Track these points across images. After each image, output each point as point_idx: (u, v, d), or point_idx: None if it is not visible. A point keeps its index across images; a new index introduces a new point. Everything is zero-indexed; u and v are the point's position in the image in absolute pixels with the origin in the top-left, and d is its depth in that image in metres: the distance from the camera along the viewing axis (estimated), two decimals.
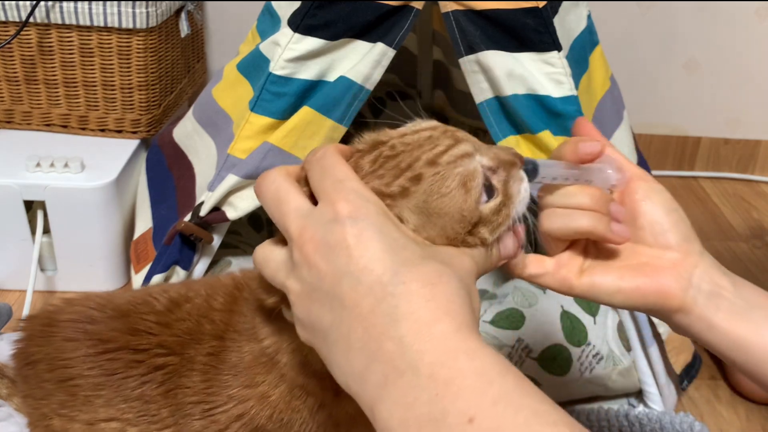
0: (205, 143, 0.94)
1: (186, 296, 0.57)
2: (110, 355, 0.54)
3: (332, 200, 0.43)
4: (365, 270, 0.40)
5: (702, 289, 0.51)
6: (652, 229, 0.53)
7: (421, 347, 0.38)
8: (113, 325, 0.55)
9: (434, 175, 0.45)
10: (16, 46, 1.08)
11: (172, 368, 0.53)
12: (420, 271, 0.41)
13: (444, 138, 0.47)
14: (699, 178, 1.56)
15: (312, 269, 0.42)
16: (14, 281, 1.06)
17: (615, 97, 0.96)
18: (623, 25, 1.44)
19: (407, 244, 0.43)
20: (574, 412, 0.86)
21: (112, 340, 0.54)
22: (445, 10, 0.79)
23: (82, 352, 0.54)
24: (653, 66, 1.48)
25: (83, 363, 0.54)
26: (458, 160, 0.46)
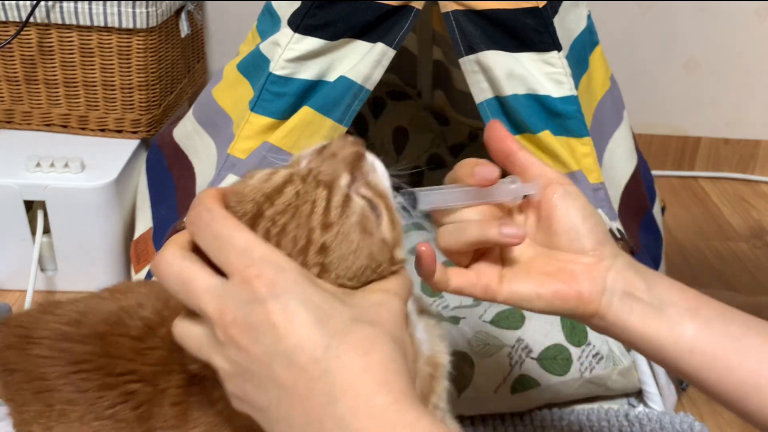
0: (205, 143, 0.94)
1: (161, 316, 0.55)
2: (84, 374, 0.53)
3: (245, 277, 0.41)
4: (296, 349, 0.40)
5: (616, 292, 0.52)
6: (568, 235, 0.53)
7: (360, 425, 0.38)
8: (87, 348, 0.54)
9: (336, 237, 0.44)
10: (17, 46, 1.08)
11: (145, 396, 0.52)
12: (352, 340, 0.40)
13: (312, 189, 0.45)
14: (699, 178, 1.56)
15: (241, 351, 0.41)
16: (14, 281, 1.06)
17: (615, 97, 0.96)
18: (623, 25, 1.44)
19: (333, 309, 0.41)
20: (574, 412, 0.86)
21: (86, 361, 0.53)
22: (445, 10, 0.79)
23: (56, 370, 0.54)
24: (653, 66, 1.48)
25: (58, 379, 0.53)
26: (345, 209, 0.44)
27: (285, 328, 0.40)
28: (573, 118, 0.80)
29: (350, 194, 0.45)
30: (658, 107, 1.52)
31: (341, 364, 0.39)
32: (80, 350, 0.54)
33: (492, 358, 0.83)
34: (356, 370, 0.39)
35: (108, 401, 0.52)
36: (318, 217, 0.44)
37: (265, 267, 0.41)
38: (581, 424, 0.84)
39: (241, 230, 0.43)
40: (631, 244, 0.81)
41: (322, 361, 0.39)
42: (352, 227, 0.44)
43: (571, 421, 0.85)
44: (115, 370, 0.53)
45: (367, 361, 0.40)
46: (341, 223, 0.44)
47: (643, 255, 0.86)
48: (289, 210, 0.44)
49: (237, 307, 0.41)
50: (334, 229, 0.44)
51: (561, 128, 0.80)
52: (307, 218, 0.44)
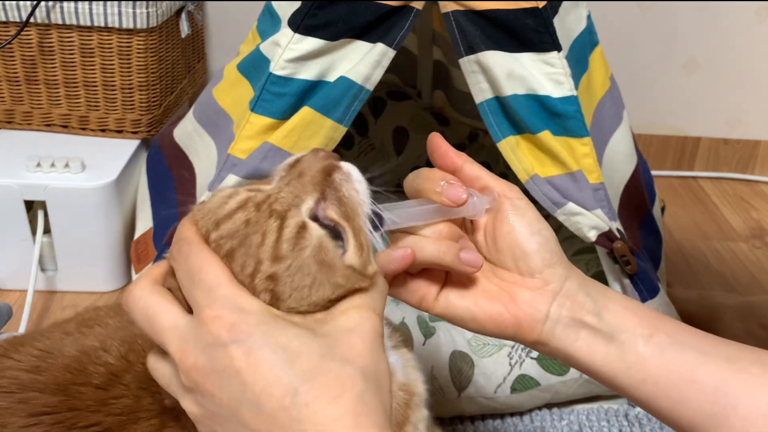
0: (206, 143, 0.94)
1: (127, 362, 0.53)
2: (45, 427, 0.51)
3: (207, 318, 0.39)
4: (263, 395, 0.38)
5: (561, 319, 0.49)
6: (513, 253, 0.50)
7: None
8: (48, 399, 0.52)
9: (288, 270, 0.42)
10: (17, 46, 1.08)
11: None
12: (321, 384, 0.39)
13: (264, 219, 0.43)
14: (699, 178, 1.56)
15: (206, 396, 0.40)
16: (14, 281, 1.06)
17: (615, 98, 0.96)
18: (623, 25, 1.44)
19: (302, 346, 0.40)
20: (574, 412, 0.86)
21: (47, 414, 0.51)
22: (445, 10, 0.79)
23: (15, 421, 0.51)
24: (653, 66, 1.48)
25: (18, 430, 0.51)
26: (297, 242, 0.42)
27: (250, 375, 0.38)
28: (573, 119, 0.80)
29: (307, 224, 0.43)
30: (658, 107, 1.52)
31: (311, 412, 0.38)
32: (41, 401, 0.51)
33: (492, 358, 0.83)
34: (327, 419, 0.38)
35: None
36: (268, 249, 0.42)
37: (224, 308, 0.40)
38: (581, 424, 0.85)
39: (211, 265, 0.41)
40: (631, 244, 0.81)
41: (292, 409, 0.38)
42: (306, 261, 0.42)
43: (571, 421, 0.85)
44: (78, 423, 0.51)
45: (338, 407, 0.38)
46: (293, 257, 0.42)
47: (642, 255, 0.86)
48: (237, 236, 0.43)
49: (198, 350, 0.40)
50: (286, 262, 0.42)
51: (561, 128, 0.80)
52: (257, 249, 0.42)
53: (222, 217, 0.44)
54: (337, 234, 0.44)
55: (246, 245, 0.42)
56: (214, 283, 0.41)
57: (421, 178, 0.52)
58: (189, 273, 0.42)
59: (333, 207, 0.45)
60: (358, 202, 0.46)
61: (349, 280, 0.43)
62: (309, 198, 0.44)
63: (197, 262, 0.42)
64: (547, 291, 0.50)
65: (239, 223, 0.43)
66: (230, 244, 0.43)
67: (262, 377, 0.38)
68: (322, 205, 0.45)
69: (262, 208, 0.43)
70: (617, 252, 0.79)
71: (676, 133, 1.55)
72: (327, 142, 0.83)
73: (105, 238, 1.05)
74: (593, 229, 0.80)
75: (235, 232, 0.43)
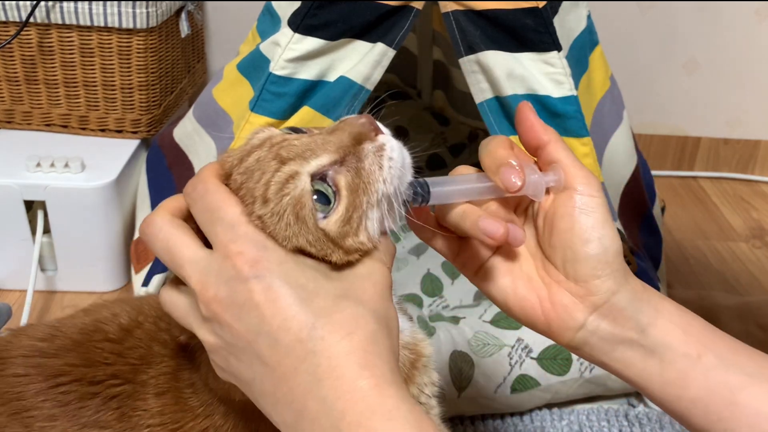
0: (206, 143, 0.94)
1: (137, 321, 0.55)
2: (64, 388, 0.52)
3: (229, 253, 0.41)
4: (281, 329, 0.40)
5: (598, 332, 0.47)
6: (563, 254, 0.47)
7: (342, 406, 0.39)
8: (66, 358, 0.53)
9: (271, 214, 0.42)
10: (17, 46, 1.08)
11: (126, 394, 0.52)
12: (336, 320, 0.40)
13: (268, 160, 0.44)
14: (699, 178, 1.56)
15: (224, 327, 0.41)
16: (14, 281, 1.06)
17: (615, 97, 0.96)
18: (623, 25, 1.44)
19: (318, 288, 0.41)
20: (574, 412, 0.86)
21: (65, 374, 0.53)
22: (445, 10, 0.79)
23: (34, 387, 0.53)
24: (653, 66, 1.48)
25: (36, 396, 0.52)
26: (282, 188, 0.43)
27: (269, 309, 0.40)
28: (573, 118, 0.80)
29: (298, 174, 0.43)
30: (658, 107, 1.52)
31: (325, 345, 0.40)
32: (57, 363, 0.53)
33: (492, 358, 0.83)
34: (340, 352, 0.40)
35: (91, 410, 0.51)
36: (260, 189, 0.43)
37: (248, 244, 0.41)
38: (581, 424, 0.84)
39: (230, 204, 0.43)
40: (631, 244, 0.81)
41: (308, 342, 0.40)
42: (285, 208, 0.42)
43: (571, 421, 0.85)
44: (96, 377, 0.52)
45: (351, 342, 0.40)
46: (276, 201, 0.42)
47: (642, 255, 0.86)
48: (247, 172, 0.44)
49: (219, 282, 0.41)
50: (270, 205, 0.42)
51: (561, 128, 0.80)
52: (254, 185, 0.43)
53: (245, 153, 0.45)
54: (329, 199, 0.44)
55: (250, 181, 0.44)
56: (234, 221, 0.42)
57: (487, 151, 0.49)
58: (207, 210, 0.43)
59: (346, 175, 0.44)
60: (375, 179, 0.44)
61: (318, 244, 0.43)
62: (325, 156, 0.44)
63: (215, 200, 0.43)
64: (589, 301, 0.47)
65: (252, 161, 0.44)
66: (242, 179, 0.44)
67: (281, 312, 0.40)
68: (336, 168, 0.44)
69: (273, 149, 0.44)
70: None
71: (676, 133, 1.54)
72: None
73: (105, 238, 1.05)
74: None
75: (247, 168, 0.44)
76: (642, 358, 0.47)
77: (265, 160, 0.44)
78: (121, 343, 0.54)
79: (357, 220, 0.44)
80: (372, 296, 0.43)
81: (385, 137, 0.46)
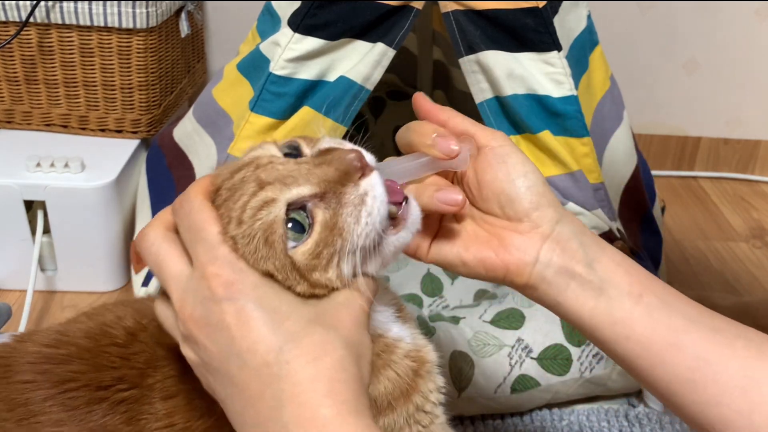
0: (205, 143, 0.94)
1: (141, 324, 0.56)
2: (72, 393, 0.52)
3: (206, 274, 0.42)
4: (249, 351, 0.40)
5: (551, 265, 0.48)
6: (498, 200, 0.50)
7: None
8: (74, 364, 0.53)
9: (242, 237, 0.43)
10: (17, 46, 1.08)
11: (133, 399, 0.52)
12: (304, 345, 0.41)
13: (250, 182, 0.44)
14: (699, 178, 1.56)
15: (200, 346, 0.42)
16: (14, 281, 1.06)
17: (615, 97, 0.96)
18: (623, 25, 1.44)
19: (291, 312, 0.42)
20: (574, 412, 0.86)
21: (73, 380, 0.53)
22: (445, 10, 0.79)
23: (41, 393, 0.53)
24: (653, 66, 1.48)
25: (43, 402, 0.52)
26: (258, 212, 0.43)
27: (239, 331, 0.41)
28: (573, 118, 0.80)
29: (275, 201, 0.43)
30: (658, 107, 1.52)
31: (291, 370, 0.40)
32: (64, 369, 0.53)
33: (492, 358, 0.83)
34: (305, 379, 0.40)
35: (98, 414, 0.52)
36: (238, 209, 0.44)
37: (224, 267, 0.42)
38: (581, 424, 0.84)
39: (212, 225, 0.43)
40: (631, 244, 0.81)
41: (274, 366, 0.40)
42: (256, 232, 0.43)
43: (571, 421, 0.85)
44: (104, 382, 0.53)
45: (317, 368, 0.40)
46: (249, 224, 0.43)
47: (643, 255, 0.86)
48: (231, 190, 0.45)
49: (196, 302, 0.42)
50: (243, 227, 0.43)
51: (561, 128, 0.80)
52: (233, 205, 0.44)
53: (234, 169, 0.46)
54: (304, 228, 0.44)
55: (231, 200, 0.44)
56: (215, 241, 0.43)
57: (412, 131, 0.51)
58: (191, 229, 0.44)
59: (324, 211, 0.44)
60: (350, 231, 0.44)
61: (284, 271, 0.43)
62: (306, 187, 0.44)
63: (199, 219, 0.44)
64: (537, 234, 0.49)
65: (237, 179, 0.45)
66: (226, 195, 0.45)
67: (250, 334, 0.41)
68: (316, 202, 0.44)
69: (257, 171, 0.45)
70: None
71: (676, 133, 1.54)
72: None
73: (105, 238, 1.05)
74: (593, 228, 0.80)
75: (232, 186, 0.45)
76: (593, 297, 0.48)
77: (247, 181, 0.44)
78: (127, 347, 0.54)
79: (327, 256, 0.44)
80: (345, 323, 0.43)
81: (370, 180, 0.45)
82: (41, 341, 0.56)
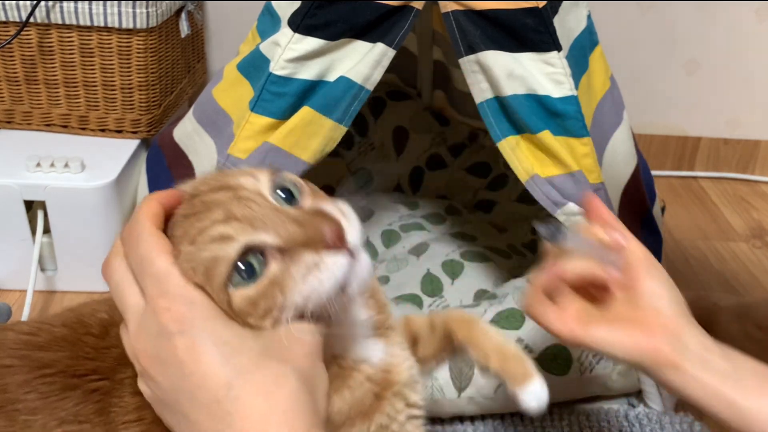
0: (206, 143, 0.94)
1: (113, 319, 0.55)
2: (47, 379, 0.52)
3: (157, 308, 0.41)
4: (200, 387, 0.40)
5: (691, 350, 0.53)
6: (651, 295, 0.56)
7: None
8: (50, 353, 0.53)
9: (188, 257, 0.42)
10: (17, 46, 1.08)
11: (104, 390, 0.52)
12: (255, 379, 0.40)
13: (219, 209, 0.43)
14: (699, 178, 1.56)
15: (152, 382, 0.42)
16: (14, 281, 1.06)
17: (615, 98, 0.96)
18: (623, 25, 1.44)
19: (242, 345, 0.41)
20: (574, 412, 0.86)
21: (49, 365, 0.53)
22: (445, 10, 0.79)
23: (18, 378, 0.53)
24: (653, 66, 1.48)
25: (20, 387, 0.53)
26: (211, 243, 0.42)
27: (190, 366, 0.40)
28: (573, 119, 0.80)
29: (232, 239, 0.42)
30: (658, 107, 1.52)
31: (242, 406, 0.39)
32: (42, 355, 0.53)
33: None
34: (257, 414, 0.39)
35: (71, 401, 0.52)
36: (196, 229, 0.43)
37: (176, 300, 0.41)
38: (581, 424, 0.84)
39: (161, 255, 0.42)
40: None
41: (224, 402, 0.39)
42: (202, 260, 0.42)
43: (571, 421, 0.85)
44: (78, 370, 0.52)
45: (269, 402, 0.40)
46: (198, 249, 0.42)
47: None
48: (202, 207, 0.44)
49: (149, 337, 0.41)
50: (192, 248, 0.43)
51: (561, 128, 0.80)
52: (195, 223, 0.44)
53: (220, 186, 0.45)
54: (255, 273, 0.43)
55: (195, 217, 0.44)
56: (163, 273, 0.42)
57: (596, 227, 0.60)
58: (140, 260, 0.43)
59: (278, 265, 0.43)
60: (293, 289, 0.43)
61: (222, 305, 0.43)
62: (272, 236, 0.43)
63: (145, 249, 0.43)
64: (679, 324, 0.55)
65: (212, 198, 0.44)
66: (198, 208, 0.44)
67: (201, 369, 0.40)
68: (274, 254, 0.43)
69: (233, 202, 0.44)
70: None
71: (676, 133, 1.54)
72: (327, 142, 0.83)
73: (105, 238, 1.05)
74: None
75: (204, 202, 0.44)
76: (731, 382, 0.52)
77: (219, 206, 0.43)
78: (101, 339, 0.54)
79: (264, 309, 0.43)
80: (298, 355, 0.43)
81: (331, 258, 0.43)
82: (21, 329, 0.56)
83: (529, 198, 0.88)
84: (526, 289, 0.60)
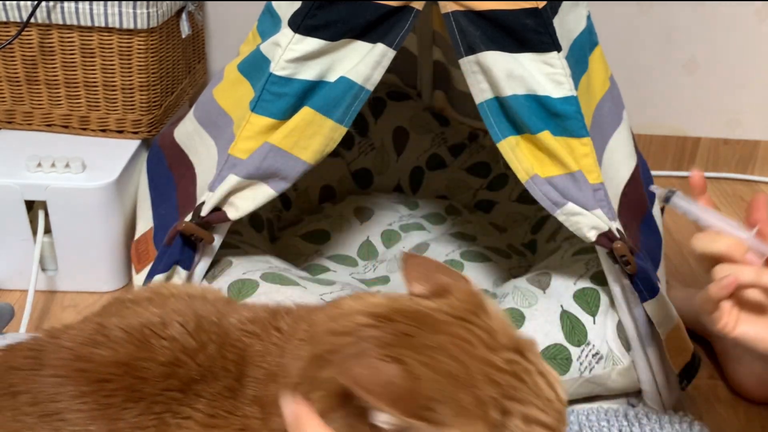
0: (206, 143, 0.94)
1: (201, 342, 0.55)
2: (106, 392, 0.52)
3: None
4: None
5: None
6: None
7: None
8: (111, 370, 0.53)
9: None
10: (18, 46, 1.08)
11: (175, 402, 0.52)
12: None
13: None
14: None
15: None
16: (15, 281, 1.06)
17: (615, 98, 0.96)
18: (623, 25, 1.44)
19: None
20: (573, 412, 0.86)
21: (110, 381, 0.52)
22: (445, 10, 0.79)
23: (72, 389, 0.52)
24: (653, 66, 1.48)
25: (73, 399, 0.52)
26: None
27: None
28: (572, 119, 0.80)
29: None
30: (658, 107, 1.52)
31: None
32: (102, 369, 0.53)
33: None
34: None
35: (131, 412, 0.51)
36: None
37: None
38: (581, 424, 0.85)
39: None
40: (631, 245, 0.81)
41: None
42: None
43: (571, 421, 0.85)
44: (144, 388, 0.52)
45: None
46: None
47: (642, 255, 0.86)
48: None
49: None
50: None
51: (560, 128, 0.80)
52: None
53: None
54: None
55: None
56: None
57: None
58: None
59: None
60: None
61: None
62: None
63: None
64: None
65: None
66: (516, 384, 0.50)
67: None
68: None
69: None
70: (617, 252, 0.79)
71: (676, 133, 1.55)
72: (327, 143, 0.83)
73: (105, 238, 1.05)
74: (593, 229, 0.80)
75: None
76: None
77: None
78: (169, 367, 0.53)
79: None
80: None
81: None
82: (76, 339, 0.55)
83: (528, 198, 0.88)
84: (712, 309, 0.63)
